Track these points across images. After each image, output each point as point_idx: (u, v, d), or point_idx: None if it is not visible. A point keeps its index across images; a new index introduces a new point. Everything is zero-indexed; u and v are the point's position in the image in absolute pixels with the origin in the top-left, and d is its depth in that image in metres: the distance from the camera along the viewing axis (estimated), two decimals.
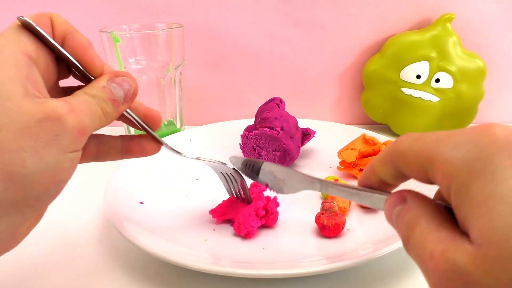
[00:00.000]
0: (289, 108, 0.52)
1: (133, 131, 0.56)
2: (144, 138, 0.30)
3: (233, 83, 0.64)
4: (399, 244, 0.31)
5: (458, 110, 0.58)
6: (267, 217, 0.37)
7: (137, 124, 0.29)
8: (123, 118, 0.29)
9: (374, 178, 0.23)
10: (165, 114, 0.57)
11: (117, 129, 0.63)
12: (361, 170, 0.46)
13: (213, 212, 0.39)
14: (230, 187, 0.38)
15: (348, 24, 0.60)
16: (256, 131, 0.47)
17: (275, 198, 0.39)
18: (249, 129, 0.49)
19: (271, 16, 0.60)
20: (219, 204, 0.39)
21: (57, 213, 0.43)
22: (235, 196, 0.39)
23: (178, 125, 0.58)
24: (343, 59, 0.62)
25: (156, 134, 0.30)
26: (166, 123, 0.58)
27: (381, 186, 0.23)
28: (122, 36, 0.50)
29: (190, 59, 0.61)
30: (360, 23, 0.60)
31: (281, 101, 0.51)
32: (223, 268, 0.30)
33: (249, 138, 0.48)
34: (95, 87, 0.24)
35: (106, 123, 0.24)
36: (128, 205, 0.40)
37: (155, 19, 0.59)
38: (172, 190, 0.45)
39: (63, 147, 0.21)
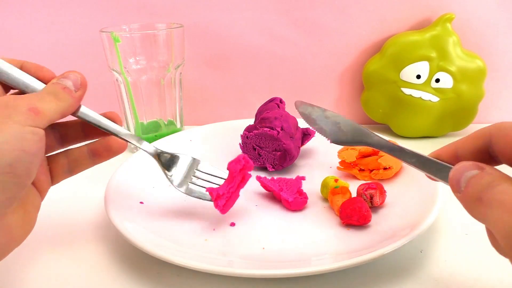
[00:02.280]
0: (289, 108, 0.52)
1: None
2: (107, 138, 0.32)
3: (233, 83, 0.64)
4: (399, 244, 0.31)
5: (458, 110, 0.58)
6: (242, 181, 0.38)
7: (99, 127, 0.32)
8: (85, 126, 0.33)
9: (450, 150, 0.25)
10: (165, 114, 0.57)
11: None
12: (361, 170, 0.46)
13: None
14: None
15: (348, 24, 0.60)
16: (256, 131, 0.47)
17: (303, 178, 0.43)
18: (249, 129, 0.49)
19: (271, 16, 0.60)
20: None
21: (57, 213, 0.43)
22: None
23: (178, 125, 0.59)
24: (343, 59, 0.62)
25: (121, 132, 0.32)
26: (166, 123, 0.58)
27: (452, 161, 0.24)
28: (122, 36, 0.50)
29: (190, 59, 0.61)
30: (360, 23, 0.60)
31: (281, 101, 0.51)
32: (223, 268, 0.30)
33: (249, 138, 0.48)
34: (46, 85, 0.29)
35: (64, 106, 0.28)
36: (128, 205, 0.40)
37: (155, 19, 0.59)
38: (172, 190, 0.44)
39: (19, 122, 0.25)
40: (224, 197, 0.37)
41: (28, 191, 0.29)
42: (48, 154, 0.32)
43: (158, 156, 0.37)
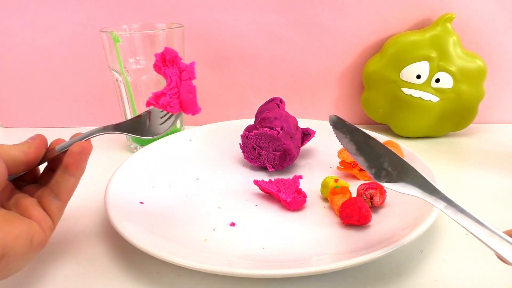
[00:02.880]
0: (289, 108, 0.52)
1: None
2: (70, 147, 0.33)
3: (233, 83, 0.64)
4: (399, 244, 0.31)
5: (458, 110, 0.58)
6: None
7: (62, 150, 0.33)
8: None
9: None
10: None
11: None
12: (361, 170, 0.46)
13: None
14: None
15: (348, 24, 0.60)
16: (256, 131, 0.47)
17: (300, 177, 0.42)
18: (249, 129, 0.49)
19: (271, 16, 0.60)
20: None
21: None
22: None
23: (178, 125, 0.59)
24: (343, 59, 0.62)
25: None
26: None
27: None
28: (122, 36, 0.50)
29: (190, 59, 0.61)
30: (360, 23, 0.60)
31: (281, 101, 0.51)
32: (223, 268, 0.30)
33: (249, 138, 0.48)
34: None
35: (23, 147, 0.31)
36: (128, 205, 0.40)
37: (155, 19, 0.59)
38: (172, 190, 0.45)
39: None
40: (168, 95, 0.34)
41: (23, 219, 0.29)
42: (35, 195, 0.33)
43: (118, 129, 0.36)
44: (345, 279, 0.33)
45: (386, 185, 0.30)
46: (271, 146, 0.47)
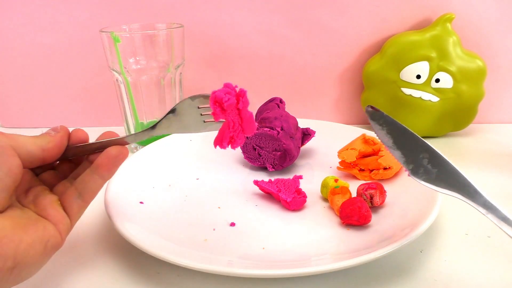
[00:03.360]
0: (289, 108, 0.52)
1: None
2: (108, 148, 0.31)
3: (233, 83, 0.64)
4: (399, 244, 0.31)
5: (458, 110, 0.58)
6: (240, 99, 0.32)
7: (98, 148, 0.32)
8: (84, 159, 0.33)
9: None
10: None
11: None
12: (361, 170, 0.46)
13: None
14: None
15: (348, 24, 0.60)
16: (256, 131, 0.47)
17: (300, 177, 0.42)
18: None
19: (271, 16, 0.60)
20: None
21: None
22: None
23: None
24: (343, 59, 0.62)
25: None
26: None
27: None
28: (122, 36, 0.50)
29: (190, 59, 0.61)
30: (360, 23, 0.60)
31: (281, 101, 0.51)
32: (223, 268, 0.30)
33: (249, 138, 0.48)
34: None
35: (41, 141, 0.29)
36: (128, 205, 0.40)
37: (155, 19, 0.59)
38: (172, 190, 0.45)
39: None
40: (234, 137, 0.33)
41: (38, 220, 0.28)
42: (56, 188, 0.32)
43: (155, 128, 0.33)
44: (345, 279, 0.33)
45: (424, 184, 0.29)
46: (271, 146, 0.47)
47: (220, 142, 0.33)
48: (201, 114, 0.33)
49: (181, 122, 0.33)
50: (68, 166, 0.33)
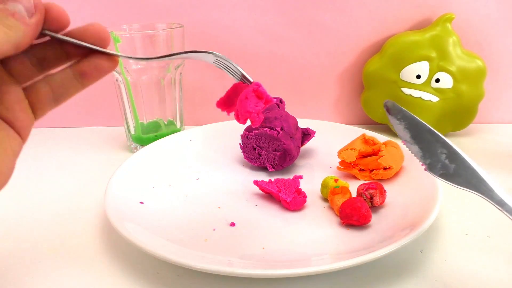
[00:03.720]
0: (289, 108, 0.52)
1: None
2: (94, 55, 0.26)
3: (233, 83, 0.64)
4: (399, 244, 0.31)
5: (458, 110, 0.58)
6: (266, 102, 0.32)
7: (82, 46, 0.26)
8: (66, 44, 0.26)
9: None
10: (165, 114, 0.57)
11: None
12: (361, 170, 0.46)
13: (219, 104, 0.34)
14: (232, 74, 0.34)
15: (348, 24, 0.60)
16: (256, 131, 0.47)
17: (300, 177, 0.42)
18: (249, 129, 0.49)
19: (271, 16, 0.60)
20: (225, 94, 0.35)
21: (57, 213, 0.43)
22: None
23: (178, 125, 0.59)
24: (343, 59, 0.62)
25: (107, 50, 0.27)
26: (166, 123, 0.58)
27: None
28: (122, 36, 0.50)
29: (190, 59, 0.61)
30: (360, 23, 0.60)
31: (281, 101, 0.51)
32: (223, 268, 0.30)
33: (249, 138, 0.48)
34: None
35: (16, 36, 0.22)
36: (128, 205, 0.40)
37: (155, 19, 0.59)
38: (172, 190, 0.45)
39: None
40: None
41: (3, 134, 0.24)
42: (25, 85, 0.26)
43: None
44: (345, 279, 0.33)
45: (441, 179, 0.29)
46: (271, 146, 0.47)
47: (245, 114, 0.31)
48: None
49: None
50: (39, 49, 0.26)
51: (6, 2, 0.23)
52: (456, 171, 0.29)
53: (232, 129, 0.54)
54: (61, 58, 0.27)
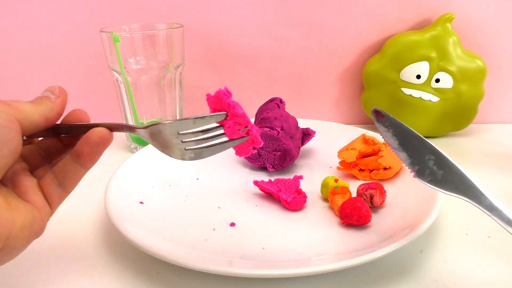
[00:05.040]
0: (289, 108, 0.52)
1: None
2: (87, 133, 0.29)
3: (233, 83, 0.64)
4: (399, 244, 0.31)
5: (458, 110, 0.58)
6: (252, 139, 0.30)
7: (77, 130, 0.30)
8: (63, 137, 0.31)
9: None
10: (165, 114, 0.57)
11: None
12: (361, 170, 0.46)
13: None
14: None
15: (348, 24, 0.60)
16: None
17: (300, 177, 0.42)
18: None
19: (271, 16, 0.60)
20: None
21: (57, 213, 0.43)
22: None
23: None
24: (343, 59, 0.62)
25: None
26: None
27: None
28: (122, 36, 0.50)
29: (190, 59, 0.61)
30: (360, 23, 0.60)
31: (281, 101, 0.51)
32: (223, 268, 0.30)
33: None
34: None
35: (43, 108, 0.27)
36: (128, 205, 0.40)
37: (155, 19, 0.59)
38: (172, 190, 0.45)
39: None
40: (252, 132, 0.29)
41: (23, 205, 0.26)
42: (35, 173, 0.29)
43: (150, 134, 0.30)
44: (345, 279, 0.33)
45: (430, 185, 0.29)
46: (271, 146, 0.47)
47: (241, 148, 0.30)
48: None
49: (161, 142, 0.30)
50: (50, 142, 0.30)
51: (43, 92, 0.29)
52: (444, 177, 0.29)
53: None
54: (61, 148, 0.31)
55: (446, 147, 0.58)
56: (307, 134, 0.50)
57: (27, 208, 0.26)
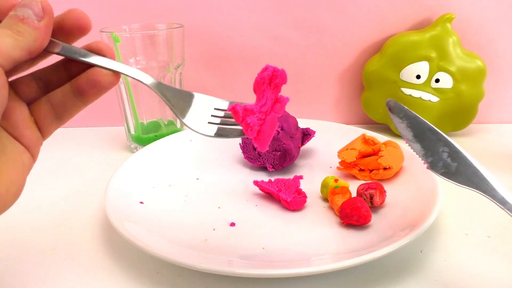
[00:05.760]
0: (289, 108, 0.52)
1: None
2: (92, 70, 0.26)
3: (233, 83, 0.64)
4: (399, 244, 0.31)
5: (458, 110, 0.58)
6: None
7: (82, 60, 0.26)
8: (68, 65, 0.27)
9: None
10: (165, 114, 0.57)
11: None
12: (361, 170, 0.46)
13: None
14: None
15: (348, 24, 0.60)
16: None
17: (300, 177, 0.42)
18: None
19: (271, 16, 0.60)
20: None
21: (57, 213, 0.43)
22: None
23: (178, 125, 0.59)
24: (343, 59, 0.62)
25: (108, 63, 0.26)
26: (166, 123, 0.58)
27: None
28: (122, 36, 0.50)
29: (190, 59, 0.61)
30: (360, 23, 0.60)
31: None
32: (223, 268, 0.30)
33: (249, 138, 0.48)
34: (3, 21, 0.23)
35: (26, 40, 0.23)
36: (128, 205, 0.40)
37: (155, 19, 0.59)
38: (172, 190, 0.45)
39: None
40: (256, 117, 0.28)
41: (13, 147, 0.25)
42: (31, 103, 0.27)
43: (160, 90, 0.28)
44: (345, 279, 0.33)
45: (443, 177, 0.29)
46: (271, 146, 0.47)
47: (243, 109, 0.28)
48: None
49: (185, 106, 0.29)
50: (46, 72, 0.27)
51: (15, 9, 0.23)
52: (458, 169, 0.29)
53: None
54: (64, 80, 0.27)
55: None
56: (307, 134, 0.50)
57: (17, 156, 0.24)
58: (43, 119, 0.26)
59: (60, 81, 0.27)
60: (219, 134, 0.29)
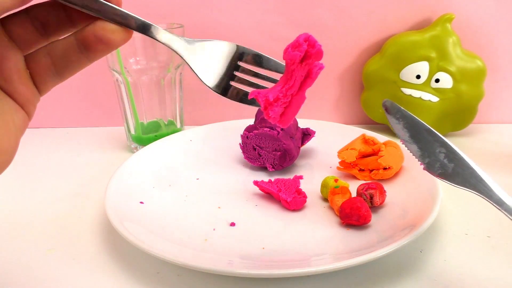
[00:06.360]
0: None
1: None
2: (100, 24, 0.23)
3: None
4: (399, 244, 0.31)
5: (458, 110, 0.58)
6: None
7: (86, 8, 0.22)
8: (68, 8, 0.23)
9: None
10: (165, 114, 0.57)
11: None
12: (361, 170, 0.46)
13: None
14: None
15: (348, 24, 0.60)
16: (256, 131, 0.47)
17: (300, 177, 0.42)
18: (249, 129, 0.49)
19: (271, 16, 0.60)
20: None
21: (57, 213, 0.43)
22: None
23: (178, 125, 0.59)
24: (343, 59, 0.62)
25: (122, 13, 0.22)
26: (166, 123, 0.58)
27: None
28: None
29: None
30: (360, 23, 0.60)
31: None
32: (223, 268, 0.30)
33: (249, 138, 0.48)
34: None
35: None
36: (128, 205, 0.40)
37: (155, 19, 0.59)
38: (172, 190, 0.45)
39: None
40: (279, 104, 0.27)
41: (3, 104, 0.22)
42: (26, 53, 0.23)
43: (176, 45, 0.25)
44: (345, 279, 0.33)
45: (440, 178, 0.29)
46: (271, 146, 0.47)
47: (265, 99, 0.26)
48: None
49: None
50: (41, 10, 0.23)
51: None
52: (455, 170, 0.29)
53: (232, 129, 0.54)
54: (65, 23, 0.23)
55: None
56: (307, 134, 0.50)
57: (7, 117, 0.22)
58: (41, 73, 0.23)
59: (60, 23, 0.23)
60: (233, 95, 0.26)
